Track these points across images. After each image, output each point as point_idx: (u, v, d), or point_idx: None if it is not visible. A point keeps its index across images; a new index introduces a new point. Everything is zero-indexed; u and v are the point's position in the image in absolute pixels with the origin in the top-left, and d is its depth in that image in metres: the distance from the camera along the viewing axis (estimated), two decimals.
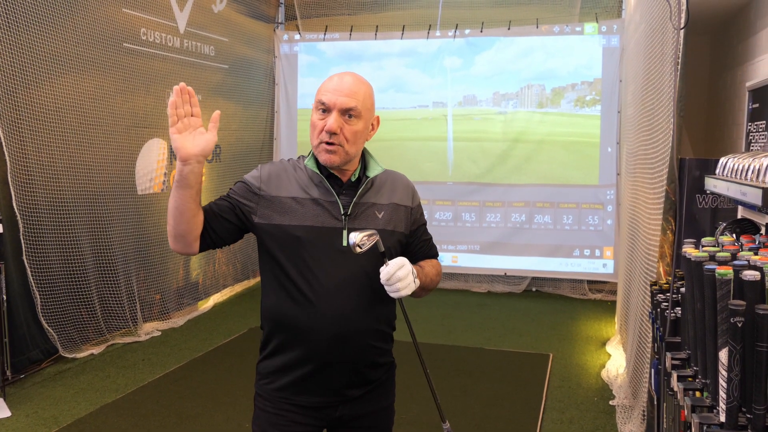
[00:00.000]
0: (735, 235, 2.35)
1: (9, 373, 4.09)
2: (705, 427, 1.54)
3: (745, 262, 1.63)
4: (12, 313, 4.20)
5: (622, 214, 5.70)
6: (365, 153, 1.84)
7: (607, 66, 6.55)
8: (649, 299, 2.79)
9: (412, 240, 1.87)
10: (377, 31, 7.14)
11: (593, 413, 3.84)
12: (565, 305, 6.45)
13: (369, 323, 1.76)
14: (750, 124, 2.96)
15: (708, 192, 3.06)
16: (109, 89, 4.99)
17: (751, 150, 2.88)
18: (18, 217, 4.22)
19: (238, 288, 6.91)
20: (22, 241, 4.25)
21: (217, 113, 1.62)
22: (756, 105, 2.91)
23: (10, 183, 4.17)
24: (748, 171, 2.01)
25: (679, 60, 2.76)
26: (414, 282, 1.69)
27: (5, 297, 4.10)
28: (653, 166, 3.45)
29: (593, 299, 6.67)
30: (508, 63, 6.89)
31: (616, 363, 4.56)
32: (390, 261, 1.68)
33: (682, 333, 2.15)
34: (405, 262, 1.69)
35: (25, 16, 4.23)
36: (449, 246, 7.02)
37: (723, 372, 1.48)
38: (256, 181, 1.76)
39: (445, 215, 7.04)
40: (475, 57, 6.97)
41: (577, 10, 6.66)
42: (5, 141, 4.13)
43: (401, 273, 1.66)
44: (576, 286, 6.83)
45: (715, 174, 2.38)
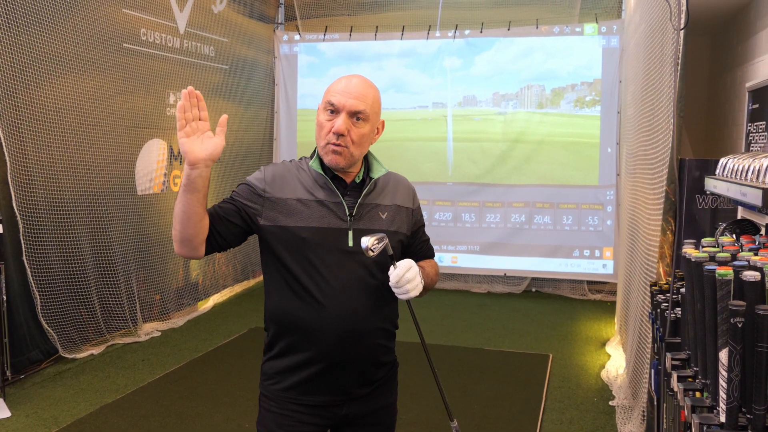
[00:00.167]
0: (735, 236, 2.35)
1: (9, 374, 4.09)
2: (705, 428, 1.54)
3: (745, 262, 1.63)
4: (12, 314, 4.21)
5: (621, 214, 5.70)
6: (368, 154, 1.86)
7: (607, 66, 6.55)
8: (649, 300, 2.79)
9: (412, 241, 1.90)
10: (377, 32, 7.14)
11: (593, 414, 3.84)
12: (565, 306, 6.45)
13: (375, 322, 1.78)
14: (750, 124, 2.96)
15: (708, 192, 3.06)
16: (109, 90, 4.99)
17: (751, 150, 2.88)
18: (18, 218, 4.22)
19: (237, 288, 6.91)
20: (22, 242, 4.25)
21: (225, 117, 1.61)
22: (756, 105, 2.91)
23: (10, 183, 4.17)
24: (748, 171, 2.02)
25: (679, 60, 2.76)
26: (421, 283, 1.72)
27: (5, 297, 4.10)
28: (653, 166, 3.45)
29: (593, 300, 6.67)
30: (507, 63, 6.89)
31: (615, 363, 4.56)
32: (398, 263, 1.70)
33: (682, 333, 2.15)
34: (412, 264, 1.71)
35: (26, 16, 4.23)
36: (449, 246, 7.02)
37: (723, 372, 1.48)
38: (260, 183, 1.75)
39: (445, 216, 7.04)
40: (475, 57, 6.97)
41: (577, 10, 6.66)
42: (5, 141, 4.13)
43: (410, 275, 1.68)
44: (576, 286, 6.83)
45: (715, 174, 2.38)
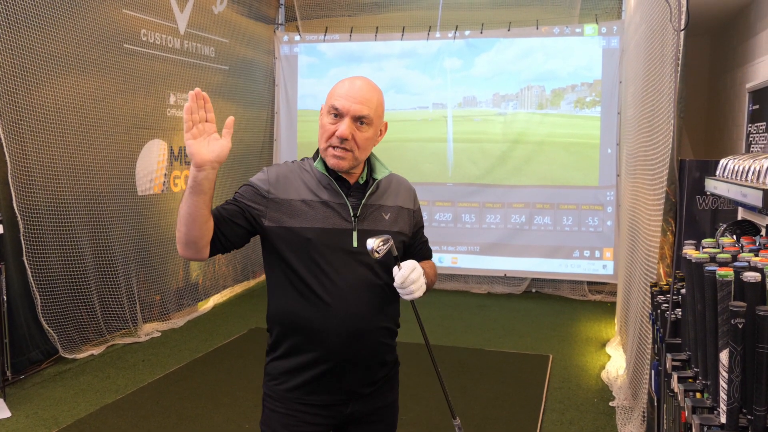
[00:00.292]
0: (735, 237, 2.35)
1: (9, 374, 4.09)
2: (705, 429, 1.54)
3: (746, 263, 1.63)
4: (12, 314, 4.21)
5: (621, 215, 5.70)
6: (371, 155, 1.88)
7: (607, 67, 6.56)
8: (650, 300, 2.79)
9: (412, 242, 1.92)
10: (377, 33, 7.15)
11: (593, 414, 3.84)
12: (565, 306, 6.45)
13: (379, 321, 1.80)
14: (750, 125, 2.96)
15: (708, 193, 3.06)
16: (110, 90, 4.99)
17: (752, 151, 2.88)
18: (18, 218, 4.22)
19: (237, 289, 6.91)
20: (22, 242, 4.25)
21: (231, 119, 1.60)
22: (756, 106, 2.91)
23: (10, 183, 4.17)
24: (748, 172, 2.02)
25: (680, 61, 2.77)
26: (425, 284, 1.75)
27: (5, 297, 4.10)
28: (653, 167, 3.45)
29: (593, 300, 6.67)
30: (508, 64, 6.90)
31: (616, 364, 4.56)
32: (402, 264, 1.71)
33: (682, 334, 2.15)
34: (416, 264, 1.73)
35: (26, 17, 4.23)
36: (449, 247, 7.02)
37: (724, 373, 1.48)
38: (264, 185, 1.75)
39: (445, 216, 7.04)
40: (475, 58, 6.97)
41: (577, 11, 6.66)
42: (6, 141, 4.14)
43: (414, 276, 1.70)
44: (576, 287, 6.83)
45: (716, 175, 2.38)
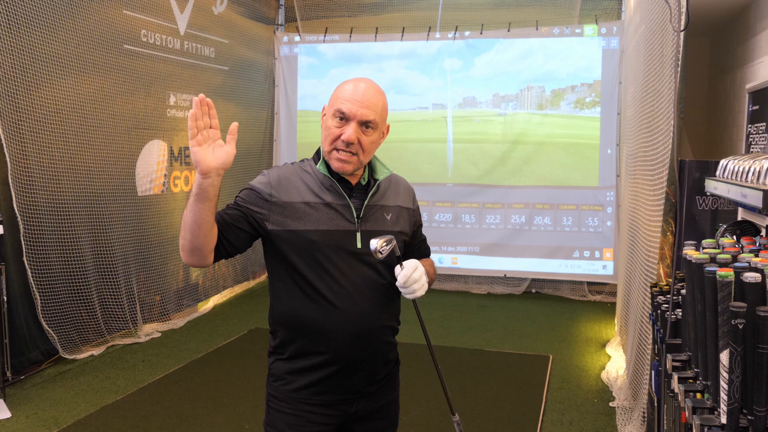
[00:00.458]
0: (735, 237, 2.35)
1: (9, 374, 4.09)
2: (706, 429, 1.54)
3: (746, 264, 1.63)
4: (12, 314, 4.21)
5: (621, 215, 5.71)
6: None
7: (607, 68, 6.56)
8: (650, 301, 2.79)
9: (412, 241, 1.94)
10: (377, 33, 7.15)
11: (593, 415, 3.84)
12: (565, 307, 6.45)
13: (383, 320, 1.81)
14: (750, 126, 2.96)
15: (708, 194, 3.06)
16: (110, 91, 4.99)
17: (751, 152, 2.88)
18: (18, 219, 4.22)
19: (237, 289, 6.91)
20: (22, 243, 4.25)
21: (235, 125, 1.58)
22: (756, 107, 2.92)
23: (10, 184, 4.17)
24: (748, 173, 2.02)
25: (679, 62, 2.77)
26: (427, 283, 1.76)
27: (5, 298, 4.10)
28: (653, 167, 3.45)
29: (593, 301, 6.67)
30: (507, 65, 6.90)
31: (616, 364, 4.56)
32: (404, 263, 1.72)
33: (682, 335, 2.15)
34: (417, 264, 1.74)
35: (26, 17, 4.24)
36: (449, 247, 7.02)
37: (724, 374, 1.49)
38: (265, 188, 1.74)
39: (445, 217, 7.04)
40: (475, 59, 6.97)
41: (577, 11, 6.66)
42: (6, 142, 4.14)
43: (416, 275, 1.71)
44: (576, 287, 6.83)
45: (716, 176, 2.38)
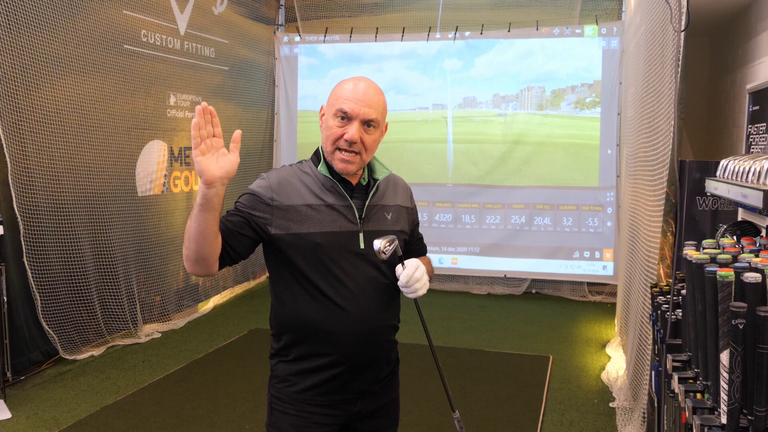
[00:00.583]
0: (735, 238, 2.35)
1: (9, 375, 4.09)
2: (706, 429, 1.54)
3: (746, 264, 1.63)
4: (12, 315, 4.21)
5: (621, 216, 5.71)
6: None
7: (607, 68, 6.56)
8: (650, 301, 2.79)
9: (410, 239, 1.95)
10: (377, 33, 7.15)
11: (593, 415, 3.84)
12: (565, 307, 6.45)
13: (387, 320, 1.83)
14: (750, 126, 2.96)
15: (708, 194, 3.06)
16: (110, 91, 4.99)
17: (752, 152, 2.88)
18: (19, 219, 4.22)
19: (238, 290, 6.91)
20: (22, 243, 4.25)
21: (239, 133, 1.56)
22: (756, 107, 2.92)
23: (10, 184, 4.17)
24: (748, 173, 2.02)
25: (680, 62, 2.77)
26: (428, 281, 1.78)
27: (6, 298, 4.10)
28: (653, 168, 3.45)
29: (593, 301, 6.67)
30: (508, 65, 6.90)
31: (616, 365, 4.56)
32: (406, 263, 1.73)
33: (682, 335, 2.15)
34: (419, 263, 1.75)
35: (27, 17, 4.24)
36: (449, 248, 7.02)
37: (724, 374, 1.49)
38: (266, 192, 1.72)
39: (445, 217, 7.04)
40: (475, 59, 6.97)
41: (577, 12, 6.66)
42: (6, 142, 4.14)
43: (418, 274, 1.72)
44: (576, 288, 6.83)
45: (716, 176, 2.38)
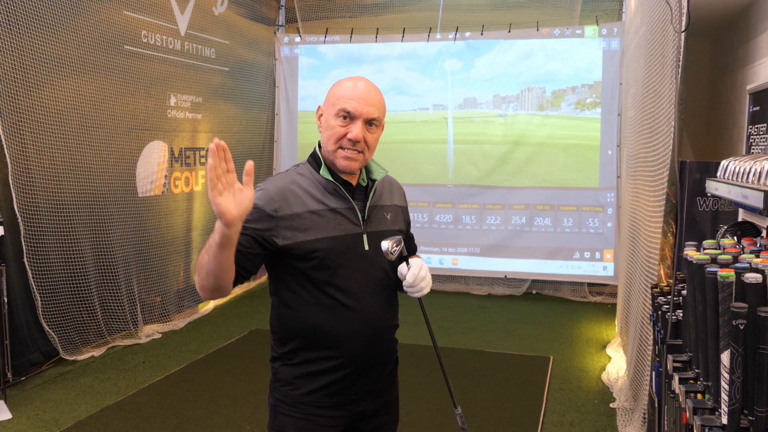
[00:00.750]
0: (736, 238, 2.35)
1: (10, 375, 4.09)
2: (707, 430, 1.54)
3: (747, 264, 1.63)
4: (13, 316, 4.21)
5: (622, 216, 5.70)
6: None
7: (608, 69, 6.56)
8: (650, 302, 2.79)
9: (405, 238, 1.95)
10: (378, 34, 7.15)
11: (594, 416, 3.84)
12: (566, 308, 6.45)
13: (390, 319, 1.85)
14: (751, 127, 2.96)
15: (709, 195, 3.06)
16: (110, 91, 4.99)
17: (752, 153, 2.88)
18: (19, 220, 4.23)
19: (238, 290, 6.90)
20: (23, 244, 4.26)
21: (251, 165, 1.51)
22: (757, 108, 2.91)
23: (11, 185, 4.17)
24: (749, 174, 2.02)
25: (680, 63, 2.77)
26: (431, 280, 1.79)
27: (6, 299, 4.09)
28: (654, 168, 3.45)
29: (593, 302, 6.67)
30: (508, 66, 6.90)
31: (616, 365, 4.55)
32: (411, 262, 1.73)
33: (683, 335, 2.15)
34: (422, 262, 1.77)
35: (27, 18, 4.24)
36: (449, 248, 7.02)
37: (725, 374, 1.48)
38: (268, 204, 1.69)
39: (446, 218, 7.04)
40: (476, 60, 6.98)
41: (578, 13, 6.66)
42: (6, 143, 4.14)
43: (423, 273, 1.74)
44: (576, 288, 6.82)
45: (716, 177, 2.38)
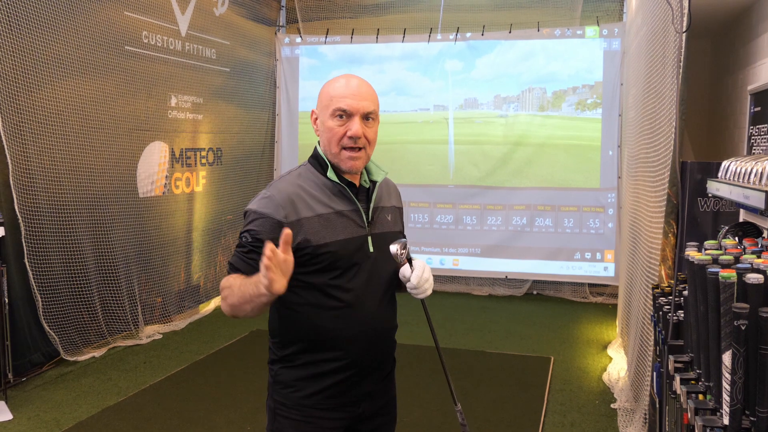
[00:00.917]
0: (737, 239, 2.35)
1: (11, 376, 4.08)
2: (708, 430, 1.54)
3: (749, 265, 1.63)
4: (14, 316, 4.21)
5: (623, 217, 5.70)
6: None
7: (608, 69, 6.56)
8: (651, 302, 2.79)
9: None
10: (378, 35, 7.15)
11: (595, 416, 3.84)
12: (566, 308, 6.44)
13: (392, 320, 1.86)
14: (752, 127, 2.95)
15: (710, 195, 3.06)
16: (111, 92, 4.99)
17: (753, 153, 2.88)
18: (20, 220, 4.23)
19: None
20: (23, 244, 4.26)
21: (288, 233, 1.50)
22: (758, 108, 2.91)
23: (12, 186, 4.17)
24: (750, 174, 2.02)
25: (681, 63, 2.77)
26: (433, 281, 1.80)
27: (7, 300, 4.09)
28: (655, 169, 3.45)
29: (594, 302, 6.66)
30: (509, 66, 6.90)
31: (617, 366, 4.55)
32: (414, 264, 1.74)
33: (684, 336, 2.15)
34: (425, 263, 1.77)
35: (28, 19, 4.24)
36: (450, 249, 7.02)
37: (726, 375, 1.48)
38: (277, 212, 1.69)
39: (447, 218, 7.04)
40: (476, 60, 6.98)
41: (578, 13, 6.66)
42: (7, 144, 4.14)
43: (426, 274, 1.74)
44: (577, 289, 6.82)
45: (717, 177, 2.38)
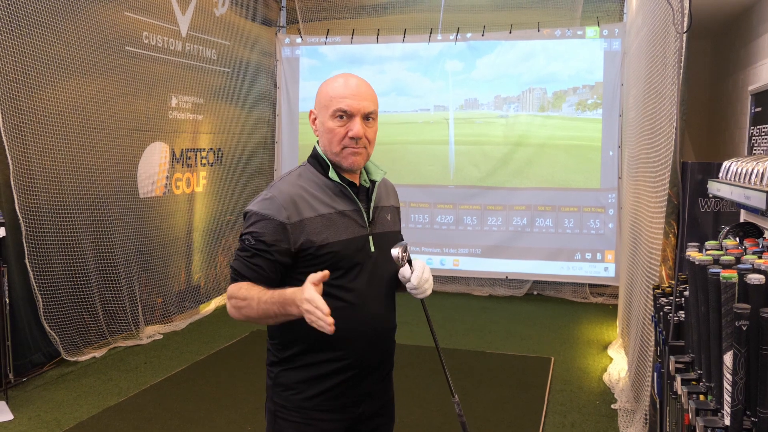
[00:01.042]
0: (738, 239, 2.35)
1: (11, 376, 4.08)
2: (709, 431, 1.54)
3: (750, 265, 1.63)
4: (14, 317, 4.21)
5: (623, 217, 5.70)
6: None
7: (609, 69, 6.56)
8: (652, 303, 2.79)
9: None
10: (379, 35, 7.15)
11: (595, 417, 3.84)
12: (567, 309, 6.44)
13: (392, 320, 1.87)
14: (752, 127, 2.96)
15: (711, 196, 3.06)
16: (111, 93, 5.00)
17: (754, 154, 2.88)
18: (20, 221, 4.23)
19: None
20: (24, 245, 4.26)
21: (322, 275, 1.53)
22: (758, 109, 2.91)
23: (12, 186, 4.17)
24: (751, 175, 2.02)
25: (682, 63, 2.77)
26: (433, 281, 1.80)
27: (8, 300, 4.09)
28: (655, 169, 3.45)
29: (595, 303, 6.66)
30: (509, 67, 6.90)
31: (617, 366, 4.55)
32: (414, 264, 1.74)
33: (685, 336, 2.15)
34: (425, 264, 1.77)
35: (28, 19, 4.24)
36: (451, 249, 7.02)
37: (728, 375, 1.48)
38: (279, 213, 1.69)
39: (447, 219, 7.04)
40: (477, 61, 6.98)
41: (579, 13, 6.66)
42: (8, 144, 4.14)
43: (426, 275, 1.74)
44: (577, 289, 6.82)
45: (718, 178, 2.38)
